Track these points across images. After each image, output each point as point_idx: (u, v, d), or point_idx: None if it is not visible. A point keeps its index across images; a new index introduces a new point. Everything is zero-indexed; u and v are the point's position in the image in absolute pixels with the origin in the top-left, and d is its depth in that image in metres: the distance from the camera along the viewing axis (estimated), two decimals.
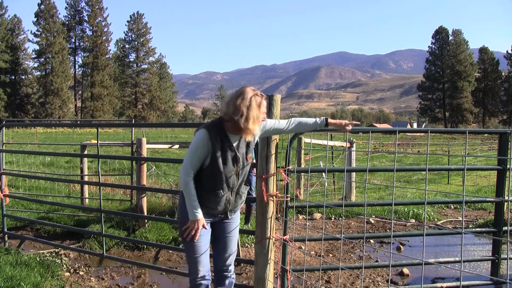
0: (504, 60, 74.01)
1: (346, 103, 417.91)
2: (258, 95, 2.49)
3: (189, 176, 2.51)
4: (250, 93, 2.46)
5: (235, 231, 2.80)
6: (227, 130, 2.53)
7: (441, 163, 18.35)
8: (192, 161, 2.50)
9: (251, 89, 2.50)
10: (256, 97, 2.47)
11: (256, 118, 2.46)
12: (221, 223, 2.75)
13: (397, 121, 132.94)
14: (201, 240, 2.61)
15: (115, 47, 78.15)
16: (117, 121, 43.08)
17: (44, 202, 6.25)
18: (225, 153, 2.52)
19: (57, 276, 4.04)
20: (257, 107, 2.46)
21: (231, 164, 2.55)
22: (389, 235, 3.56)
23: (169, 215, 5.98)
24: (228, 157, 2.53)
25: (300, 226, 5.89)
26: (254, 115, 2.44)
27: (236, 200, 2.70)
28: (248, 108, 2.42)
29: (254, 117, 2.44)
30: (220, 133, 2.51)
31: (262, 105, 2.50)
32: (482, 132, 10.78)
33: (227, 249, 2.77)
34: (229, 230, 2.77)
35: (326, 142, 8.28)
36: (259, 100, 2.48)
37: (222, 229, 2.76)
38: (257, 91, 2.51)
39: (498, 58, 77.64)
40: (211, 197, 2.59)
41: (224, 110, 2.51)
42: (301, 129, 2.85)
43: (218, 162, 2.50)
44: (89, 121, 37.90)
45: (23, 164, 12.29)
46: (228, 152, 2.53)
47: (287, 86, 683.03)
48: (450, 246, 5.48)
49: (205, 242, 2.65)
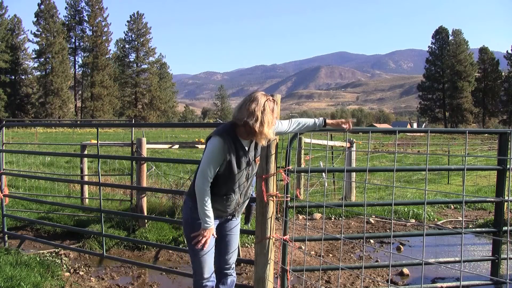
0: (504, 60, 73.99)
1: (346, 103, 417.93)
2: (270, 100, 2.55)
3: (207, 185, 2.52)
4: (264, 98, 2.52)
5: (236, 228, 2.84)
6: (239, 135, 2.56)
7: (441, 163, 18.35)
8: (210, 169, 2.51)
9: (263, 95, 2.55)
10: (269, 102, 2.53)
11: (271, 122, 2.52)
12: (225, 221, 2.79)
13: (397, 121, 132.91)
14: (209, 243, 2.67)
15: (115, 47, 78.24)
16: (117, 121, 43.07)
17: (44, 202, 6.25)
18: (239, 159, 2.55)
19: (57, 276, 4.04)
20: (270, 111, 2.52)
21: (244, 168, 2.60)
22: (389, 235, 3.56)
23: (169, 215, 5.98)
24: (242, 162, 2.57)
25: (300, 226, 5.89)
26: (268, 119, 2.49)
27: (244, 201, 2.77)
28: (263, 113, 2.47)
29: (269, 121, 2.49)
30: (234, 139, 2.54)
31: (274, 110, 2.57)
32: (482, 132, 10.78)
33: (230, 247, 2.81)
34: (231, 228, 2.81)
35: (326, 142, 8.28)
36: (272, 105, 2.54)
37: (225, 228, 2.80)
38: (269, 96, 2.58)
39: (498, 58, 77.61)
40: (223, 201, 2.63)
41: (237, 115, 2.53)
42: (302, 130, 2.91)
43: (233, 168, 2.53)
44: (89, 121, 37.89)
45: (23, 164, 12.29)
46: (243, 158, 2.57)
47: (287, 86, 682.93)
48: (450, 246, 5.48)
49: (211, 244, 2.68)
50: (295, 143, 3.11)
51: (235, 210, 2.73)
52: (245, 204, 2.81)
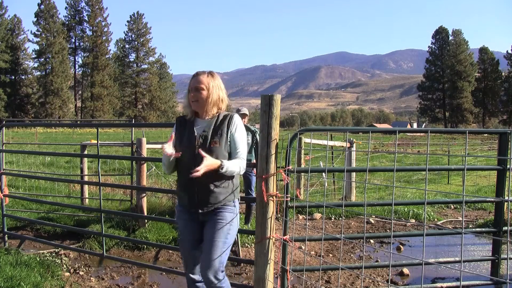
0: (504, 60, 73.99)
1: (346, 103, 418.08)
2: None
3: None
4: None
5: (214, 235, 2.54)
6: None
7: (441, 163, 18.34)
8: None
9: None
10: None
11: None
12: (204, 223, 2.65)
13: (397, 121, 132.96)
14: (181, 236, 2.71)
15: (115, 47, 78.29)
16: (117, 121, 43.08)
17: (44, 202, 6.25)
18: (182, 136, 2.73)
19: (57, 276, 4.03)
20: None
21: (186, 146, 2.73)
22: (389, 235, 3.56)
23: (169, 215, 5.97)
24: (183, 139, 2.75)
25: (300, 226, 5.89)
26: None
27: (200, 191, 2.56)
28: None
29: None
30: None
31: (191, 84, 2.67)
32: (482, 132, 10.77)
33: (205, 256, 2.53)
34: (206, 232, 2.59)
35: (326, 142, 8.27)
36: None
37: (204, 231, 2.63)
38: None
39: (498, 58, 77.61)
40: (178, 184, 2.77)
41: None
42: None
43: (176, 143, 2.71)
44: (89, 121, 37.88)
45: (23, 164, 12.28)
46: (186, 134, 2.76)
47: (287, 86, 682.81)
48: (450, 246, 5.48)
49: (186, 238, 2.68)
50: (295, 143, 3.10)
51: (191, 200, 2.57)
52: (212, 201, 2.56)
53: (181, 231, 2.71)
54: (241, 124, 2.68)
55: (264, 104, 2.84)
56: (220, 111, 2.65)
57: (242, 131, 2.66)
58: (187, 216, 2.66)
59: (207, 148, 2.50)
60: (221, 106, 2.64)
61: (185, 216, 2.67)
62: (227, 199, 2.60)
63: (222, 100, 2.64)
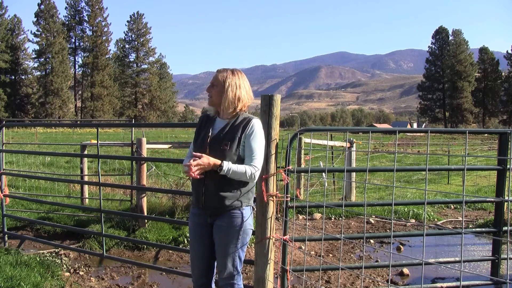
0: (504, 60, 73.99)
1: (346, 103, 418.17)
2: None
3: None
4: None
5: (223, 239, 2.54)
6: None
7: (441, 163, 18.34)
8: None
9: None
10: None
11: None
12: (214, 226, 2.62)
13: (397, 121, 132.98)
14: (192, 242, 2.70)
15: (115, 47, 78.22)
16: (117, 121, 43.07)
17: (44, 202, 6.25)
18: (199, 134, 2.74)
19: (57, 276, 4.03)
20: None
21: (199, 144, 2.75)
22: (389, 235, 3.56)
23: (169, 215, 5.98)
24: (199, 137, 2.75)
25: (300, 226, 5.89)
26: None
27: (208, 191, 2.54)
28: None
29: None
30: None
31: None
32: (482, 132, 10.77)
33: (218, 260, 2.61)
34: (214, 237, 2.59)
35: (326, 142, 8.27)
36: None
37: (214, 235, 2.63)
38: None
39: (498, 58, 77.60)
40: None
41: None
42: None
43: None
44: (89, 121, 37.88)
45: (23, 164, 12.28)
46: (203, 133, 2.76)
47: (287, 86, 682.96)
48: (450, 246, 5.48)
49: (196, 244, 2.66)
50: (295, 143, 3.10)
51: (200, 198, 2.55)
52: (214, 199, 2.52)
53: (190, 234, 2.74)
54: (260, 130, 2.54)
55: (264, 104, 2.84)
56: (238, 111, 2.55)
57: (259, 137, 2.52)
58: (197, 220, 2.67)
59: (217, 150, 2.47)
60: (237, 105, 2.52)
61: (194, 219, 2.68)
62: (234, 204, 2.53)
63: (239, 99, 2.51)
